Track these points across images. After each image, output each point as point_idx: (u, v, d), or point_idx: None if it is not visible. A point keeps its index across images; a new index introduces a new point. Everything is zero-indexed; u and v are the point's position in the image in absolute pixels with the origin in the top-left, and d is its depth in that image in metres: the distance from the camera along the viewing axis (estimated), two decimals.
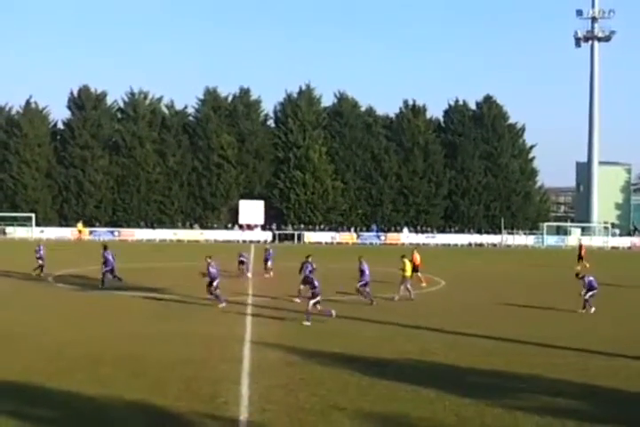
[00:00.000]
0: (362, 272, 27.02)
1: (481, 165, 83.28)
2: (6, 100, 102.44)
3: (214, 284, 25.37)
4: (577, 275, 26.43)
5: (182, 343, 18.27)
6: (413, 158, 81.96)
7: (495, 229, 79.98)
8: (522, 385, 14.58)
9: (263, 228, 77.73)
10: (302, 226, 78.18)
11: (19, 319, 21.64)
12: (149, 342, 18.32)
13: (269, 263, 36.01)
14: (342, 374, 14.99)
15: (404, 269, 27.95)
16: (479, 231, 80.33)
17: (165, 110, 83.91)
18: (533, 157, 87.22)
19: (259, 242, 72.32)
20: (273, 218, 78.56)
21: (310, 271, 26.10)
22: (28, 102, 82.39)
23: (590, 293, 25.41)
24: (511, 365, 16.30)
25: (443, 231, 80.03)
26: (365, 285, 26.96)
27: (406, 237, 77.61)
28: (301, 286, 25.53)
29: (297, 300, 26.11)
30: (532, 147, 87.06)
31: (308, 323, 21.47)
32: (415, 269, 32.37)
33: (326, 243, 73.93)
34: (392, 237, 77.28)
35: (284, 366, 15.77)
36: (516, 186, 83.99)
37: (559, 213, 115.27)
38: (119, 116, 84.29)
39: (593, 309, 25.20)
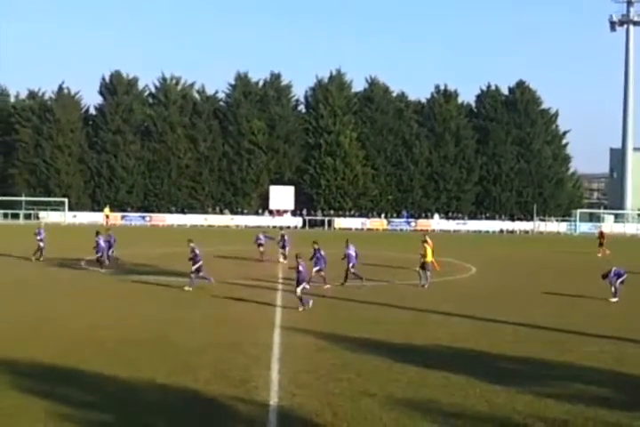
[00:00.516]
0: (348, 256, 27.12)
1: (513, 150, 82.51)
2: (39, 85, 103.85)
3: (196, 266, 25.32)
4: (602, 276, 25.58)
5: (211, 327, 18.35)
6: (444, 144, 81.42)
7: (527, 216, 79.31)
8: (554, 373, 14.43)
9: (293, 213, 77.82)
10: (332, 212, 78.13)
11: (50, 303, 21.91)
12: (178, 326, 18.42)
13: (286, 249, 35.31)
14: (372, 360, 14.96)
15: (424, 255, 27.63)
16: (511, 218, 79.70)
17: (197, 95, 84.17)
18: (567, 143, 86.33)
19: (289, 227, 72.53)
20: (303, 204, 78.58)
21: (319, 258, 26.34)
22: (60, 88, 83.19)
23: (620, 279, 25.04)
24: (543, 352, 16.14)
25: (474, 218, 79.56)
26: (352, 267, 27.03)
27: (437, 223, 77.26)
28: (320, 273, 26.24)
29: (326, 286, 26.15)
30: (565, 132, 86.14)
31: (301, 308, 21.29)
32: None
33: (356, 229, 73.83)
34: (423, 224, 76.94)
35: (314, 352, 15.76)
36: (549, 172, 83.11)
37: (592, 200, 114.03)
38: (150, 101, 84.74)
39: (616, 299, 24.69)
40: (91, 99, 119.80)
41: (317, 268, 26.33)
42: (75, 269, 31.40)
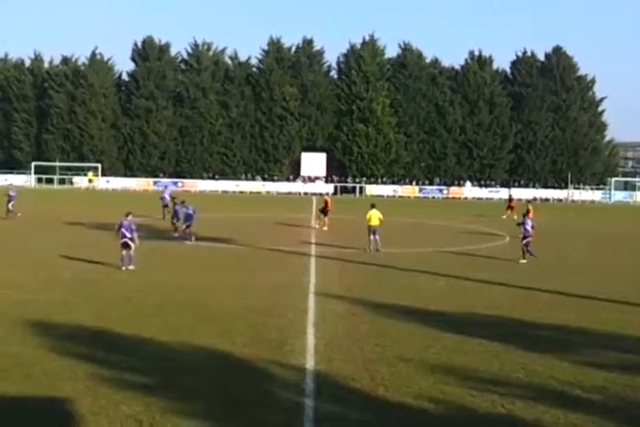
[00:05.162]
0: (187, 215, 29.23)
1: (548, 117, 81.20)
2: (72, 51, 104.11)
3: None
4: (518, 224, 27.27)
5: (248, 292, 18.46)
6: (478, 111, 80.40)
7: (561, 184, 78.38)
8: (590, 341, 14.35)
9: (325, 180, 77.76)
10: (364, 179, 77.87)
11: (87, 267, 22.14)
12: (215, 290, 18.58)
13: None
14: (407, 326, 14.97)
15: (369, 219, 27.66)
16: (545, 186, 78.86)
17: (229, 61, 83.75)
18: (603, 111, 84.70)
19: (320, 194, 72.49)
20: (335, 170, 78.37)
21: (189, 214, 29.01)
22: (93, 53, 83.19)
23: (525, 240, 25.80)
24: (579, 320, 16.04)
25: (507, 186, 78.75)
26: (189, 227, 29.03)
27: (469, 190, 76.81)
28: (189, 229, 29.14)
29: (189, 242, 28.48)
30: (601, 99, 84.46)
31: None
32: (325, 212, 35.31)
33: (388, 196, 73.55)
34: (455, 191, 76.53)
35: (349, 317, 15.82)
36: (584, 140, 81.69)
37: (627, 169, 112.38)
38: (183, 67, 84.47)
39: (524, 260, 25.51)
40: (123, 65, 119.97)
41: (187, 223, 29.00)
42: (110, 233, 31.67)
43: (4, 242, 28.12)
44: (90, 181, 74.70)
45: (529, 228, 26.06)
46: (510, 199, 48.94)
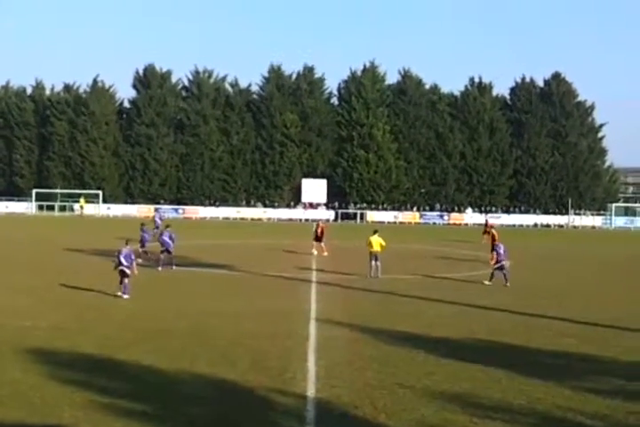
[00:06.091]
0: (163, 241, 28.98)
1: (548, 143, 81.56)
2: (74, 78, 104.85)
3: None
4: (492, 249, 27.84)
5: (248, 318, 18.39)
6: (478, 137, 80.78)
7: (562, 210, 78.44)
8: (593, 367, 14.25)
9: (326, 206, 77.90)
10: (365, 205, 78.04)
11: (88, 294, 22.07)
12: (216, 317, 18.50)
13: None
14: (409, 353, 14.89)
15: (371, 245, 27.63)
16: (545, 212, 78.91)
17: (229, 88, 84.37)
18: (603, 136, 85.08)
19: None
20: (335, 197, 78.55)
21: (166, 240, 28.84)
22: (95, 81, 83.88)
23: (498, 264, 26.13)
24: (581, 346, 15.95)
25: (507, 211, 78.85)
26: (166, 252, 28.89)
27: (470, 217, 76.86)
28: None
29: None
30: (601, 125, 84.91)
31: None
32: (319, 239, 35.54)
33: (389, 222, 73.59)
34: (455, 217, 76.58)
35: (351, 344, 15.75)
36: (585, 165, 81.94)
37: (627, 194, 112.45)
38: (184, 94, 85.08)
39: (488, 282, 26.05)
40: (125, 92, 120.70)
41: (162, 249, 28.89)
42: (110, 258, 31.63)
43: (4, 269, 28.06)
44: (81, 207, 74.99)
45: (502, 251, 26.39)
46: (486, 224, 49.84)
